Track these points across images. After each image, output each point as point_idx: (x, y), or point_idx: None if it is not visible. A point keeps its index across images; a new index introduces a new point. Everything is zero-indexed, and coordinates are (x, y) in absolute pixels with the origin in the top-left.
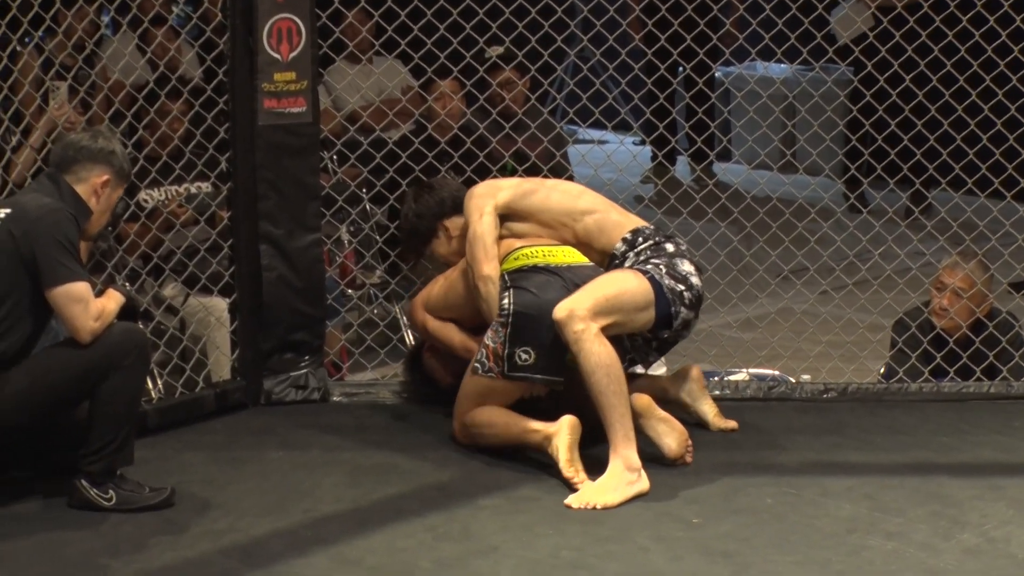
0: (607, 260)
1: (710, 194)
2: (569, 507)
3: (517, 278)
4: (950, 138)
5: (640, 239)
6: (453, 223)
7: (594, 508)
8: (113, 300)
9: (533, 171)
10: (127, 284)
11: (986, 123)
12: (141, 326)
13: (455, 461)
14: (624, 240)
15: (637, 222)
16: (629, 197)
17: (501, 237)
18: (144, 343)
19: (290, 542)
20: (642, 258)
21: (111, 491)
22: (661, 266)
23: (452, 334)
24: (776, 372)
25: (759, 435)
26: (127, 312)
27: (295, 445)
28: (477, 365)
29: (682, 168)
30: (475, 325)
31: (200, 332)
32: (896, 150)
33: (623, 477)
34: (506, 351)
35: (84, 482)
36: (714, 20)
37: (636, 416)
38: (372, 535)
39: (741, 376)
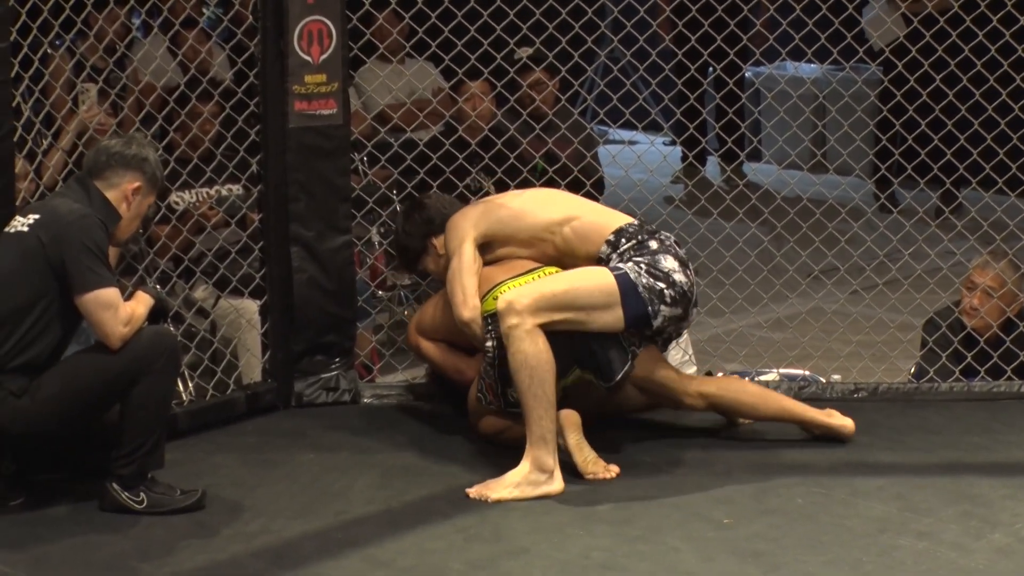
0: (594, 263)
1: (740, 194)
2: (467, 495)
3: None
4: (980, 137)
5: (623, 239)
6: (441, 241)
7: (486, 500)
8: (142, 304)
9: (563, 172)
10: (157, 286)
11: (1016, 122)
12: (171, 328)
13: (485, 462)
14: (608, 243)
15: (619, 220)
16: (659, 198)
17: (485, 263)
18: (174, 346)
19: (321, 544)
20: (624, 258)
21: (142, 494)
22: (641, 264)
23: (444, 358)
24: (806, 372)
25: (789, 435)
26: (157, 313)
27: (326, 447)
28: (480, 396)
29: (712, 168)
30: (468, 345)
31: (231, 334)
32: (927, 150)
33: (528, 476)
34: (499, 390)
35: (115, 485)
36: (744, 20)
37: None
38: (403, 537)
39: (772, 376)
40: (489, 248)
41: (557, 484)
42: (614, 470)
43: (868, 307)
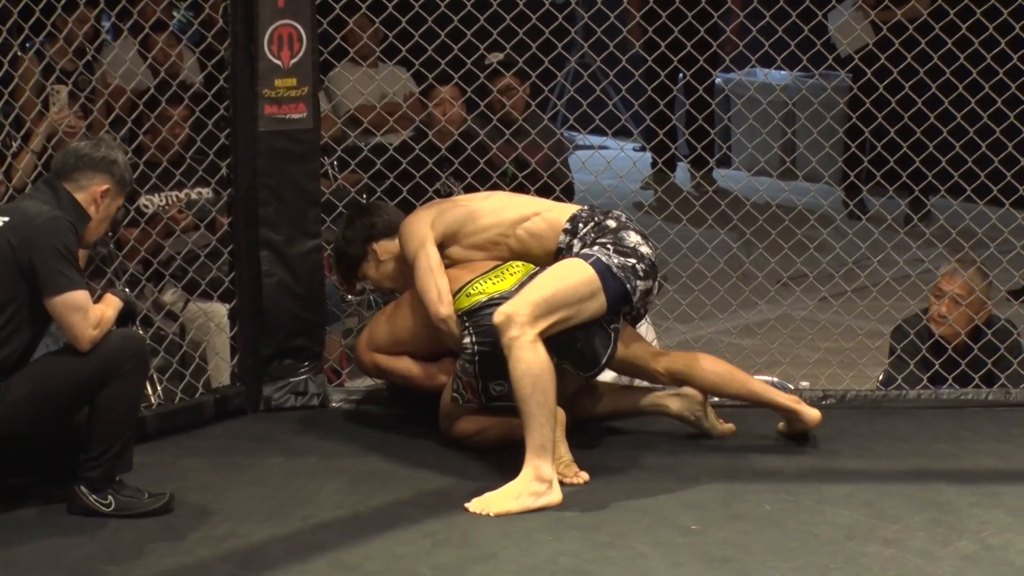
0: (553, 256)
1: (710, 200)
2: (467, 509)
3: (475, 317)
4: (949, 145)
5: (580, 224)
6: (382, 246)
7: (488, 515)
8: (111, 306)
9: (533, 177)
10: (126, 288)
11: (985, 130)
12: (140, 331)
13: (454, 467)
14: (565, 231)
15: (570, 210)
16: (629, 204)
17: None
18: (143, 349)
19: (289, 548)
20: (587, 241)
21: (110, 497)
22: (608, 245)
23: (409, 367)
24: (775, 379)
25: (758, 441)
26: (126, 315)
27: (294, 451)
28: (456, 396)
29: (682, 174)
30: (430, 354)
31: (200, 338)
32: (895, 157)
33: (529, 487)
34: (480, 385)
35: (83, 488)
36: (714, 27)
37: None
38: (371, 541)
39: None
40: (442, 251)
41: (556, 495)
42: (583, 476)
43: (837, 314)
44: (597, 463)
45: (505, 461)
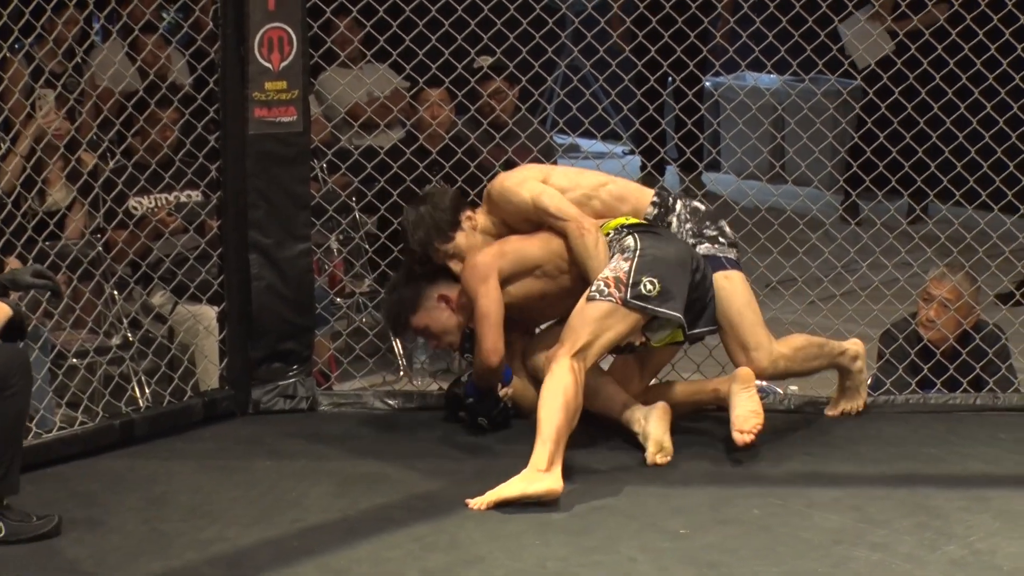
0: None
1: None
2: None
3: (633, 227)
4: (939, 150)
5: (670, 200)
6: (478, 214)
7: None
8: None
9: None
10: (19, 299)
11: (974, 135)
12: (28, 345)
13: (443, 471)
14: (653, 204)
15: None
16: None
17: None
18: (27, 365)
19: (277, 552)
20: (694, 230)
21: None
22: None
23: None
24: (764, 383)
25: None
26: (14, 328)
27: (283, 454)
28: (595, 292)
29: (671, 178)
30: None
31: (188, 341)
32: (885, 162)
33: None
34: (631, 279)
35: None
36: (704, 31)
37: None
38: (359, 545)
39: None
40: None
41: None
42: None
43: (825, 318)
44: (585, 467)
45: (497, 465)
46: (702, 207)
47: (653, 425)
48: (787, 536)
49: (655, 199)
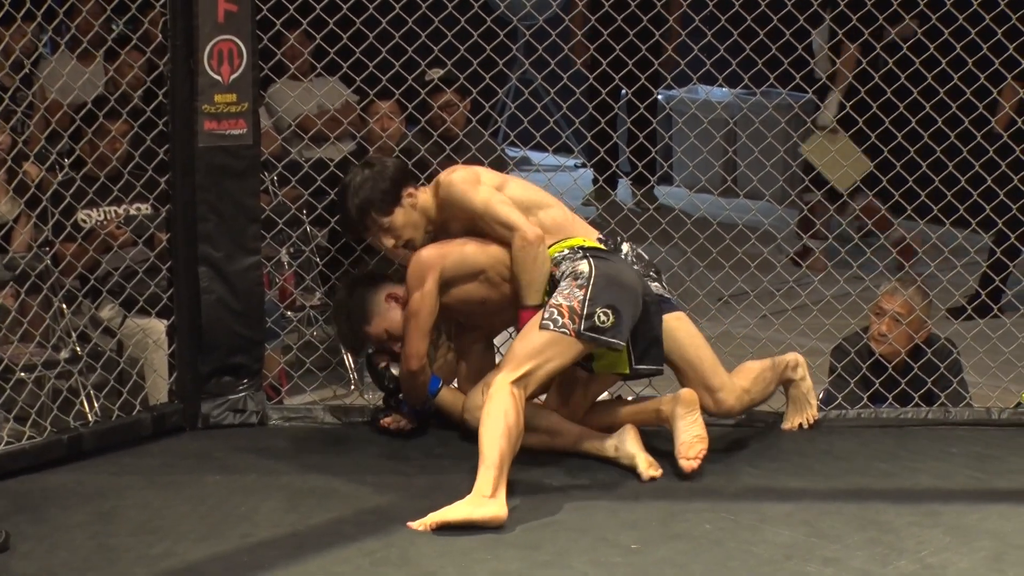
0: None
1: (651, 218)
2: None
3: (588, 250)
4: (890, 165)
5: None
6: (419, 191)
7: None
8: None
9: None
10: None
11: (926, 150)
12: None
13: (393, 486)
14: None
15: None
16: None
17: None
18: None
19: (227, 567)
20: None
21: None
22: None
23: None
24: None
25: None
26: None
27: (233, 469)
28: (548, 322)
29: (623, 192)
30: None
31: (137, 354)
32: (837, 176)
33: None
34: (584, 310)
35: None
36: (656, 44)
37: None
38: (309, 560)
39: None
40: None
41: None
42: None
43: (777, 332)
44: (536, 482)
45: (447, 481)
46: (646, 256)
47: (631, 445)
48: (738, 551)
49: (600, 239)
